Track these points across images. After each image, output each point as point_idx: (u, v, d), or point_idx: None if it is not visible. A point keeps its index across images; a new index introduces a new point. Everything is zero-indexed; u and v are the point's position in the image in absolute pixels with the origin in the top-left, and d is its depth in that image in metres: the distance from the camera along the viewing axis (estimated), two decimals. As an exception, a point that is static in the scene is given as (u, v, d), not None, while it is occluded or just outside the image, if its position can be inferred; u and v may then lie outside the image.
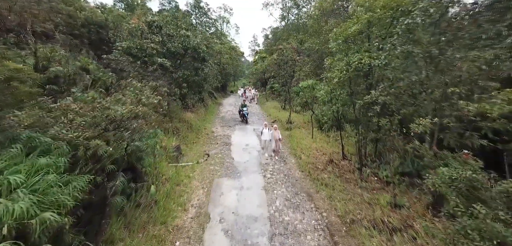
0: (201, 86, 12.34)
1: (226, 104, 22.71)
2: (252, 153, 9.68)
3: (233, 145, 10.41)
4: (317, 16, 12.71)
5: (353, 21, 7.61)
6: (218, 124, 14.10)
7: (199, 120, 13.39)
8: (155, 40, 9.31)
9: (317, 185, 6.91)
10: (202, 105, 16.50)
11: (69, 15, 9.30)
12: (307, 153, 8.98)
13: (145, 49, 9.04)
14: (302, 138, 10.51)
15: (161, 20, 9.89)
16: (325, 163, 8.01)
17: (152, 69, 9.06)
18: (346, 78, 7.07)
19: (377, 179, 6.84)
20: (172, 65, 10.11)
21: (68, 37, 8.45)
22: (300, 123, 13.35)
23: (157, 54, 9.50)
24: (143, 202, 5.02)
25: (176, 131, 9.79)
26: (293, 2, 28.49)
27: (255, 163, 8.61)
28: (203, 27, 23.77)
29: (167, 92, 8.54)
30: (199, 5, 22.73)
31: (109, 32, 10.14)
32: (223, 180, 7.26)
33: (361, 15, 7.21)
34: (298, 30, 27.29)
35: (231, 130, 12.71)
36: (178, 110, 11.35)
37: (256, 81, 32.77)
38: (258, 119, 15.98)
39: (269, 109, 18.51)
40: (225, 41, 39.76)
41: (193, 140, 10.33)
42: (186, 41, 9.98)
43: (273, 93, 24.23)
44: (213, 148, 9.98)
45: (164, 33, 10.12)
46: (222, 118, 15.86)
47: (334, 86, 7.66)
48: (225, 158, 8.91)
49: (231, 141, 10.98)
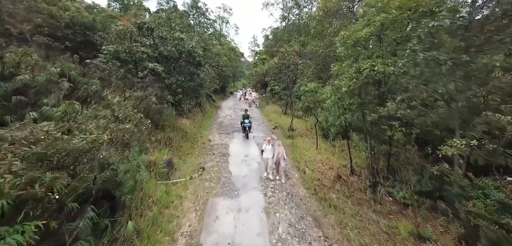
0: (197, 92, 11.57)
1: (224, 108, 21.92)
2: (252, 165, 8.90)
3: (231, 156, 9.63)
4: (320, 17, 11.95)
5: (363, 23, 6.87)
6: (215, 131, 13.31)
7: (195, 127, 12.60)
8: (146, 44, 8.54)
9: (325, 207, 6.13)
10: (199, 110, 15.72)
11: (51, 15, 8.51)
12: (311, 167, 8.20)
13: (134, 53, 8.27)
14: (305, 149, 9.74)
15: (152, 22, 9.12)
16: (333, 179, 7.24)
17: (142, 75, 8.29)
18: (356, 87, 6.31)
19: (392, 200, 6.07)
20: (165, 70, 9.34)
21: (48, 40, 7.67)
22: (303, 130, 12.58)
23: (148, 58, 8.73)
24: (121, 236, 4.23)
25: (169, 142, 9.00)
26: (294, 2, 27.77)
27: (255, 178, 7.84)
28: (201, 28, 23.04)
29: (157, 101, 7.77)
30: (196, 6, 21.99)
31: (98, 33, 9.35)
32: (219, 200, 6.47)
33: (372, 17, 6.45)
34: (299, 31, 26.58)
35: (229, 138, 11.93)
36: (172, 118, 10.56)
37: (256, 83, 32.00)
38: (258, 125, 15.20)
39: (269, 114, 17.73)
40: (224, 41, 39.08)
41: (188, 151, 9.54)
42: (180, 44, 9.20)
43: (273, 96, 23.48)
44: (209, 159, 9.19)
45: (156, 36, 9.35)
46: (220, 124, 15.07)
47: (342, 95, 6.90)
48: (222, 172, 8.12)
49: (229, 151, 10.20)
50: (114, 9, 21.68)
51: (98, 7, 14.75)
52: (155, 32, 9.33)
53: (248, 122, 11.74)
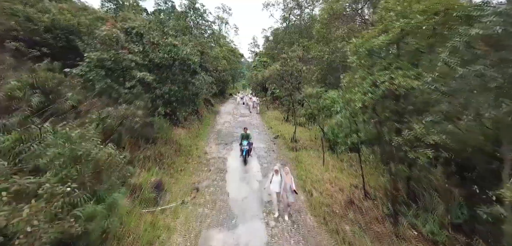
0: (193, 101, 10.68)
1: (223, 113, 21.04)
2: (252, 183, 8.02)
3: (229, 173, 8.75)
4: (325, 20, 11.09)
5: (379, 29, 6.01)
6: (212, 141, 12.43)
7: (190, 138, 11.71)
8: (134, 50, 7.67)
9: (338, 242, 5.26)
10: (196, 117, 14.84)
11: (28, 18, 7.64)
12: (319, 188, 7.32)
13: (121, 62, 7.40)
14: (311, 165, 8.85)
15: (142, 26, 8.25)
16: (344, 204, 6.37)
17: (130, 86, 7.41)
18: (371, 102, 5.44)
19: (418, 234, 5.19)
20: (157, 79, 8.46)
21: (22, 45, 6.79)
22: (307, 141, 11.70)
23: (138, 66, 7.86)
24: None
25: (160, 158, 8.11)
26: (295, 2, 26.92)
27: (255, 200, 6.97)
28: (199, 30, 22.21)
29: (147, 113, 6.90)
30: (194, 7, 21.16)
31: (83, 38, 8.48)
32: (213, 232, 5.59)
33: (391, 23, 5.59)
34: (301, 33, 25.72)
35: (227, 150, 11.04)
36: (165, 129, 9.68)
37: (256, 86, 31.10)
38: (258, 133, 14.33)
39: (270, 121, 16.85)
40: (223, 43, 38.22)
41: (181, 167, 8.65)
42: (174, 51, 8.32)
43: (274, 100, 22.58)
44: (205, 177, 8.31)
45: (146, 41, 8.48)
46: (218, 132, 14.18)
47: (355, 110, 6.03)
48: (218, 194, 7.25)
49: (227, 166, 9.32)
50: (108, 10, 20.77)
51: (89, 9, 13.89)
52: (145, 38, 8.46)
53: (246, 144, 9.41)
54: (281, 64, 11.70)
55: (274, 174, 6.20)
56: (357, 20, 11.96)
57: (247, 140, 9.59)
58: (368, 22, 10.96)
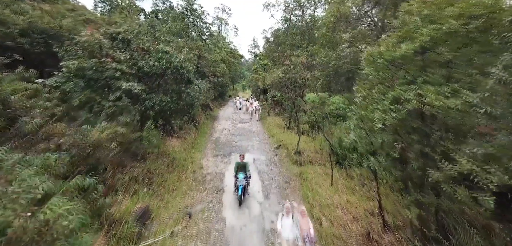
0: (188, 111, 9.80)
1: (222, 118, 20.15)
2: (252, 207, 7.13)
3: (226, 193, 7.85)
4: (331, 23, 10.20)
5: (399, 35, 5.14)
6: (209, 152, 11.54)
7: (185, 150, 10.84)
8: (119, 58, 6.81)
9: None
10: (192, 125, 13.95)
11: (0, 20, 6.77)
12: (329, 214, 6.42)
13: (104, 71, 6.54)
14: (318, 183, 7.97)
15: (130, 32, 7.37)
16: (361, 239, 5.48)
17: (114, 98, 6.55)
18: (394, 123, 4.56)
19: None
20: (146, 89, 7.59)
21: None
22: (311, 152, 10.80)
23: (124, 76, 7.00)
24: None
25: (149, 177, 7.23)
26: (297, 3, 26.07)
27: (256, 231, 6.08)
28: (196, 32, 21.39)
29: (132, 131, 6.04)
30: (192, 8, 20.35)
31: (65, 43, 7.61)
32: (206, 277, 4.71)
33: (415, 30, 4.72)
34: (302, 34, 24.88)
35: (225, 164, 10.15)
36: (156, 142, 8.79)
37: (256, 89, 30.20)
38: (259, 142, 13.44)
39: (271, 128, 15.96)
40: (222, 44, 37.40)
41: (173, 186, 7.77)
42: (165, 58, 7.45)
43: (275, 104, 21.68)
44: (199, 199, 7.42)
45: (135, 48, 7.61)
46: (216, 142, 13.29)
47: (373, 129, 5.14)
48: (214, 221, 6.36)
49: (225, 184, 8.42)
50: (103, 11, 19.93)
51: (78, 9, 13.02)
52: (134, 43, 7.59)
53: (243, 179, 7.01)
54: (284, 71, 10.83)
55: (284, 214, 4.92)
56: (364, 23, 11.09)
57: (244, 173, 7.11)
58: (378, 25, 10.09)
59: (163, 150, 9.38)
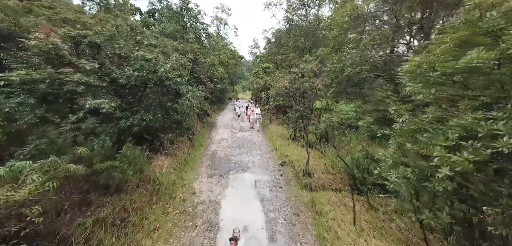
0: (176, 129, 8.28)
1: (220, 126, 18.62)
2: (254, 254, 5.63)
3: (222, 230, 6.35)
4: (346, 23, 8.69)
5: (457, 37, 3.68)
6: (204, 170, 10.04)
7: (176, 170, 9.32)
8: (85, 68, 5.33)
9: None
10: (185, 137, 12.45)
11: None
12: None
13: (63, 84, 5.08)
14: (336, 219, 6.42)
15: (101, 35, 5.89)
16: None
17: (75, 119, 5.07)
18: (469, 168, 3.06)
19: None
20: (123, 105, 6.10)
21: None
22: (323, 172, 9.26)
23: (91, 90, 5.53)
24: None
25: (122, 218, 5.72)
26: (300, 2, 24.57)
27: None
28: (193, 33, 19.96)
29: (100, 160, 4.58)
30: (187, 8, 18.93)
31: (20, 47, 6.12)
32: None
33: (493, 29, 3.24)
34: (306, 35, 23.38)
35: (222, 187, 8.65)
36: (138, 167, 7.31)
37: (257, 92, 28.64)
38: (260, 157, 11.93)
39: (274, 139, 14.45)
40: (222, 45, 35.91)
41: (156, 223, 6.26)
42: (146, 68, 5.96)
43: (277, 110, 20.16)
44: (187, 242, 5.92)
45: (109, 54, 6.13)
46: (212, 156, 11.79)
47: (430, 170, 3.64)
48: (204, 282, 4.85)
49: (220, 217, 6.91)
50: (90, 10, 18.44)
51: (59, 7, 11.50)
52: (107, 50, 6.10)
53: None
54: (290, 81, 9.33)
55: None
56: (383, 22, 9.58)
57: None
58: (402, 24, 8.58)
59: (147, 174, 7.88)
